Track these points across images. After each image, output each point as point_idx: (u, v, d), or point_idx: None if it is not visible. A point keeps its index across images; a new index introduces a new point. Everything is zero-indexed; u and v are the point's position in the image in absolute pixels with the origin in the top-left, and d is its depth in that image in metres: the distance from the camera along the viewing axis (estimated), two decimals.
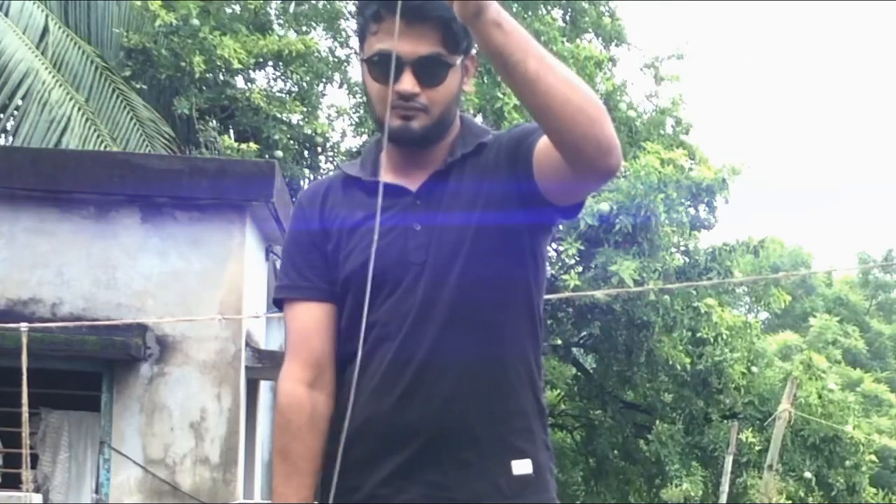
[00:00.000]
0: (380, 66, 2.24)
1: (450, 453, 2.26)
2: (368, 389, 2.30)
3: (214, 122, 14.66)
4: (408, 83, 2.24)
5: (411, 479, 2.26)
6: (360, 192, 2.39)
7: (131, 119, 13.05)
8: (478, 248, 2.29)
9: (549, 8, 17.91)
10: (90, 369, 8.84)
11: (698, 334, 16.13)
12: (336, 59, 16.47)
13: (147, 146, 12.78)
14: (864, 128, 78.87)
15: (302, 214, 2.42)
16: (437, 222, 2.32)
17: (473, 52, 2.37)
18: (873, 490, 17.68)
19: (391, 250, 2.32)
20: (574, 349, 18.25)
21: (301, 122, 14.66)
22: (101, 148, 11.88)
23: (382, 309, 2.31)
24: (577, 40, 17.69)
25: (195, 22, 13.98)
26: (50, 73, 12.32)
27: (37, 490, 8.58)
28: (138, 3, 14.22)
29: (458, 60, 2.30)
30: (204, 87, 14.41)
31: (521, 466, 2.29)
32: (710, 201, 16.71)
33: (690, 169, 16.81)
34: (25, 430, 7.56)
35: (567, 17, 18.15)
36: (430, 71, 2.26)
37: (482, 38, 2.02)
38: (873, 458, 17.34)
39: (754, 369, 16.86)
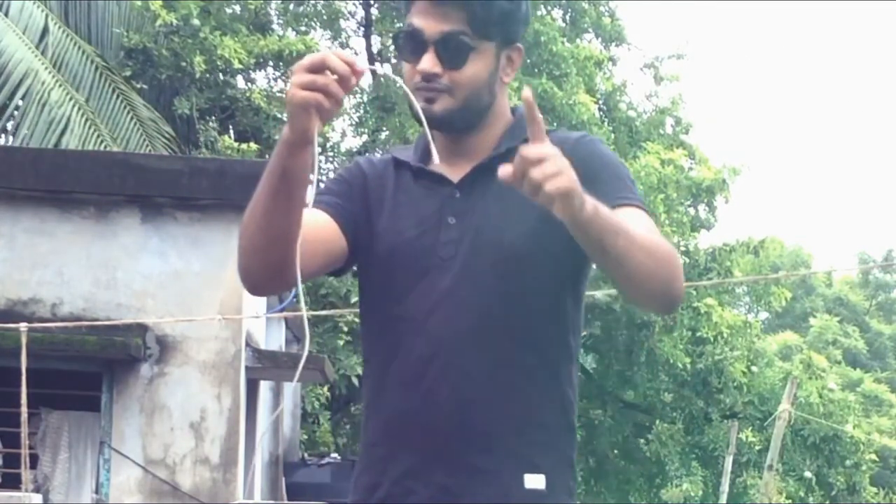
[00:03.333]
0: (404, 42, 2.24)
1: (462, 458, 2.21)
2: (394, 386, 2.27)
3: (214, 122, 14.67)
4: (427, 62, 2.20)
5: (421, 481, 2.22)
6: (407, 175, 2.34)
7: (131, 119, 13.05)
8: (513, 254, 2.21)
9: (549, 8, 17.92)
10: (90, 369, 8.84)
11: (698, 334, 16.14)
12: None
13: (147, 146, 12.78)
14: (864, 128, 78.90)
15: (358, 169, 2.38)
16: (474, 219, 2.24)
17: (518, 44, 2.31)
18: (873, 489, 17.70)
19: (423, 241, 2.26)
20: None
21: None
22: (101, 148, 11.88)
23: (407, 301, 2.26)
24: (577, 40, 17.71)
25: (195, 22, 13.99)
26: (50, 73, 12.32)
27: (37, 490, 8.58)
28: (138, 3, 14.22)
29: (488, 46, 2.24)
30: (204, 87, 14.42)
31: (534, 481, 2.21)
32: (710, 201, 16.75)
33: (690, 169, 16.84)
34: (25, 430, 7.57)
35: (567, 17, 18.16)
36: (451, 50, 2.21)
37: (581, 228, 1.97)
38: (873, 457, 17.35)
39: (754, 369, 16.86)
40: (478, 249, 2.23)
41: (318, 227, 2.21)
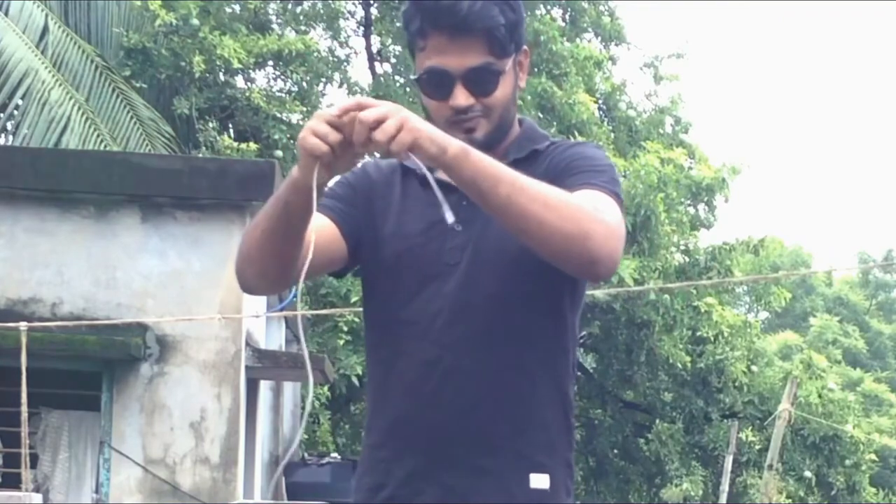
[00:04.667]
0: (430, 83, 2.25)
1: (468, 459, 2.25)
2: (398, 389, 2.30)
3: (214, 121, 14.66)
4: (461, 97, 2.23)
5: (429, 481, 2.26)
6: (415, 182, 2.36)
7: (131, 118, 13.05)
8: (516, 260, 2.25)
9: (548, 8, 17.93)
10: (90, 369, 8.84)
11: (698, 333, 16.13)
12: (336, 59, 16.48)
13: (147, 146, 12.78)
14: (864, 128, 78.92)
15: (364, 174, 2.40)
16: (478, 227, 2.27)
17: (525, 47, 2.34)
18: (873, 489, 17.69)
19: (429, 247, 2.29)
20: None
21: (301, 122, 14.66)
22: (101, 148, 11.88)
23: (412, 306, 2.29)
24: (577, 40, 17.72)
25: (195, 22, 13.99)
26: (50, 72, 12.32)
27: (37, 490, 8.58)
28: (138, 2, 14.23)
29: (509, 64, 2.28)
30: (204, 87, 14.42)
31: (539, 480, 2.26)
32: (709, 200, 16.75)
33: (690, 168, 16.84)
34: (25, 430, 7.57)
35: (567, 17, 18.17)
36: (480, 81, 2.24)
37: (451, 173, 2.05)
38: (873, 457, 17.35)
39: (754, 368, 16.86)
40: (481, 256, 2.27)
41: (317, 230, 2.22)
